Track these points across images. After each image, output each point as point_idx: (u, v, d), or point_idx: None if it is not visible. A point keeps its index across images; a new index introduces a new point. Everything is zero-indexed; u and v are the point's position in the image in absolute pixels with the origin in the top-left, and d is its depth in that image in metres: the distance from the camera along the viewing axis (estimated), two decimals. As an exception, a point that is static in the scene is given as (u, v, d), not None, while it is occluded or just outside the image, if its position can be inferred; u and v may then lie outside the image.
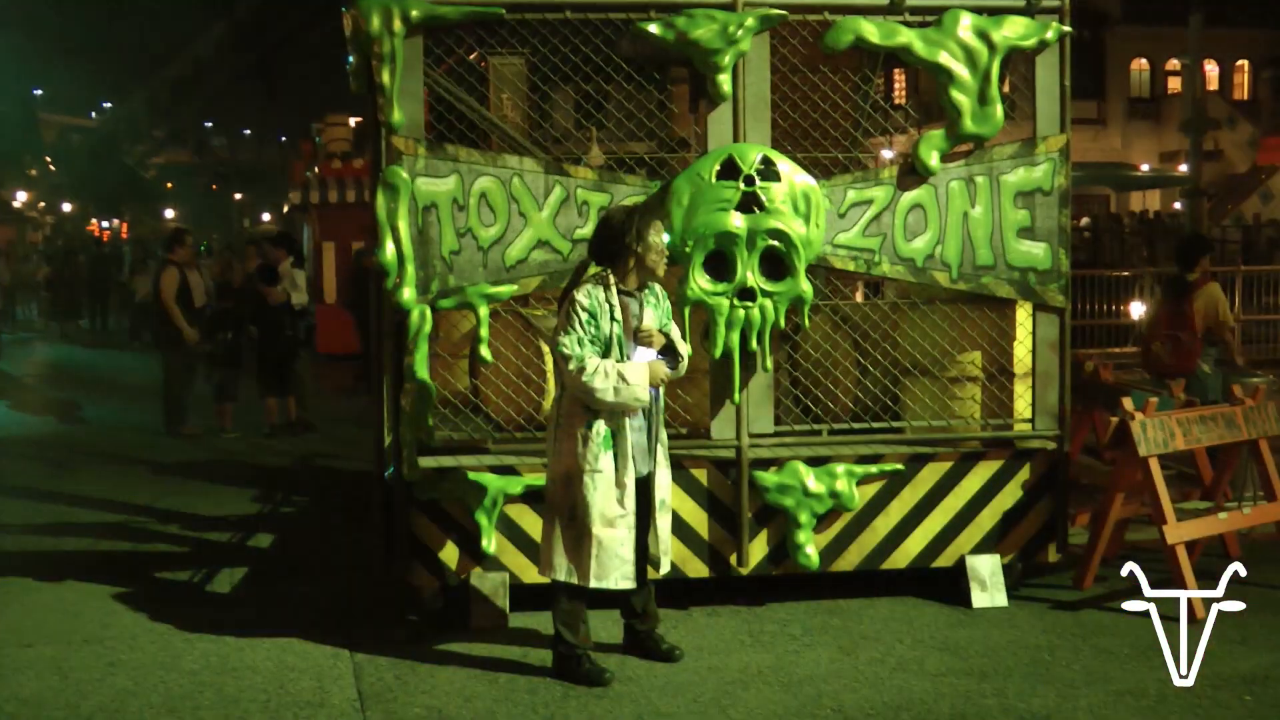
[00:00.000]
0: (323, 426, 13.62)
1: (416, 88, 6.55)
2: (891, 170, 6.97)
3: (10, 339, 26.21)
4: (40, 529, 9.11)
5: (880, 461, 6.95)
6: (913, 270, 6.94)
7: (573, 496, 5.69)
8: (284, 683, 5.91)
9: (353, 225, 19.63)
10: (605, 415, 5.67)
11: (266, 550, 8.54)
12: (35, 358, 22.92)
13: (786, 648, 6.34)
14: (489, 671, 5.98)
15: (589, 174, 6.75)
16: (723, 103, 6.79)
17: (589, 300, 5.62)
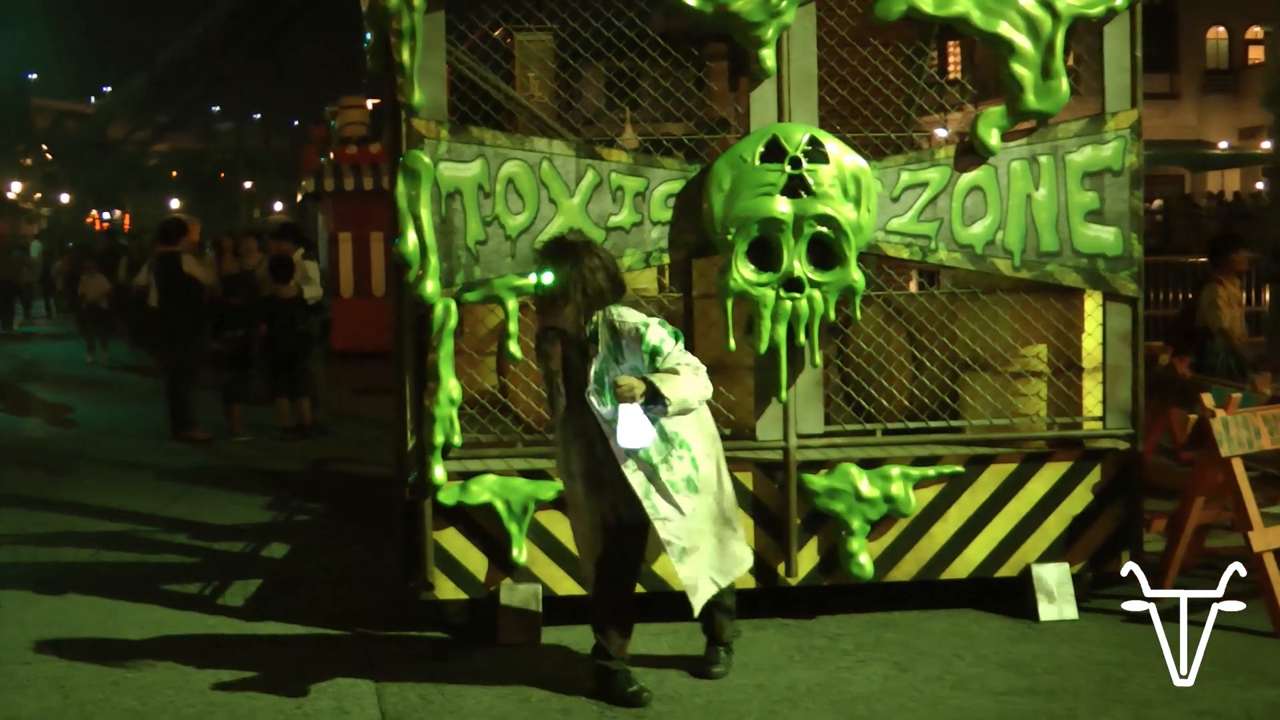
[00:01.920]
0: (339, 428, 13.70)
1: (438, 66, 6.58)
2: (948, 150, 6.95)
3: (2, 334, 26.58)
4: (38, 539, 9.21)
5: (938, 463, 6.93)
6: (971, 258, 6.92)
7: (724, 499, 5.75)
8: (301, 702, 5.94)
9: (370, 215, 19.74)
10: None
11: (281, 561, 8.60)
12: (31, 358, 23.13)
13: (838, 664, 6.34)
14: (520, 689, 6.00)
15: (623, 157, 6.76)
16: (766, 80, 6.78)
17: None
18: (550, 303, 5.58)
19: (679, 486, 5.59)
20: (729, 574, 5.83)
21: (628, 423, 5.39)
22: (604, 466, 5.69)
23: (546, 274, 5.55)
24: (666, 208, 6.74)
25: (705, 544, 5.71)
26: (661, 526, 5.60)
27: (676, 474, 5.59)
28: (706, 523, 5.71)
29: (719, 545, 5.78)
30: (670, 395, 5.34)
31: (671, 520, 5.61)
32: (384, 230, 19.34)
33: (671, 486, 5.58)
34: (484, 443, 6.89)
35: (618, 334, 5.50)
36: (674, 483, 5.59)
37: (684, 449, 5.59)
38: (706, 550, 5.72)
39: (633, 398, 5.34)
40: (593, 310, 5.55)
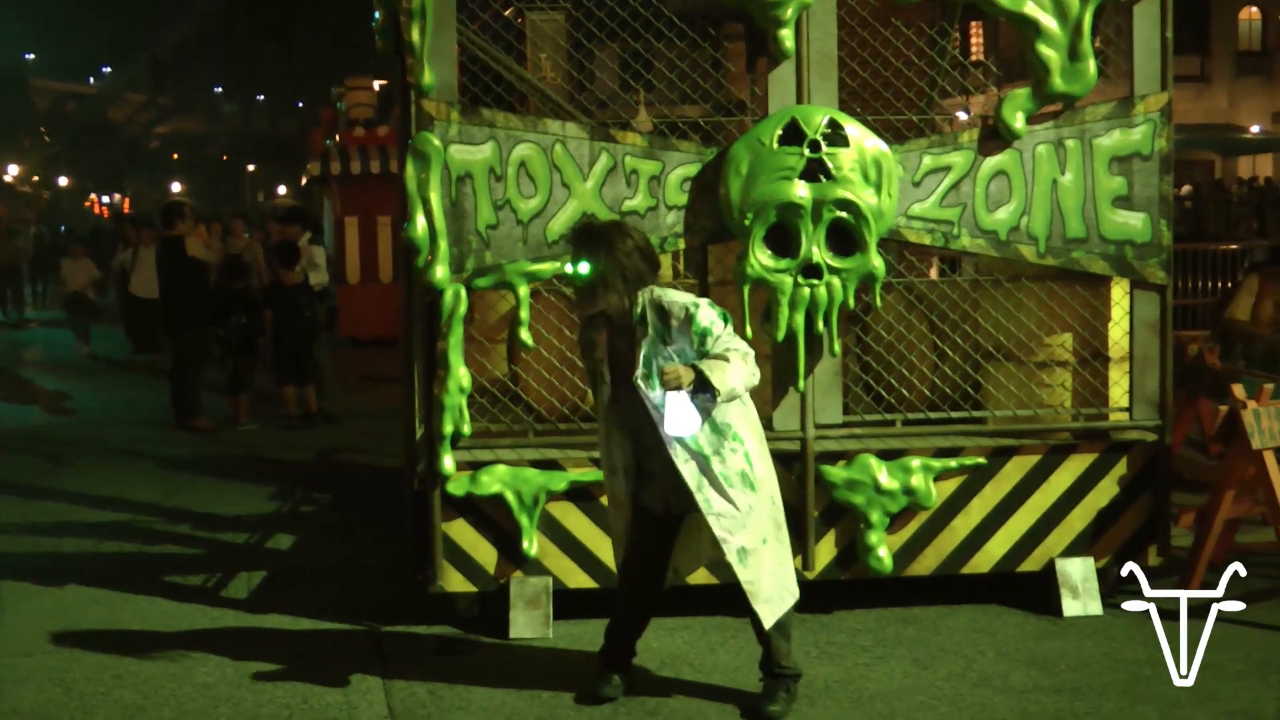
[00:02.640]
0: (345, 418, 13.73)
1: (449, 46, 6.58)
2: (972, 134, 6.94)
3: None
4: (38, 529, 9.24)
5: (960, 455, 6.94)
6: (995, 244, 6.92)
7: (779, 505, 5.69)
8: (307, 697, 5.97)
9: (377, 199, 19.75)
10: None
11: (286, 553, 8.63)
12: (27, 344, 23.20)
13: (856, 660, 6.35)
14: (531, 688, 6.01)
15: (638, 140, 6.76)
16: (785, 60, 6.78)
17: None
18: (589, 292, 5.49)
19: (733, 480, 5.46)
20: (795, 591, 5.66)
21: (674, 410, 5.27)
22: (651, 456, 5.59)
23: (582, 264, 5.47)
24: (682, 192, 6.74)
25: (766, 549, 5.54)
26: (715, 522, 5.45)
27: (730, 467, 5.47)
28: (767, 525, 5.56)
29: (780, 553, 5.61)
30: (719, 384, 5.22)
31: (726, 516, 5.46)
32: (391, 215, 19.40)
33: (725, 480, 5.45)
34: (494, 432, 6.91)
35: (666, 316, 5.40)
36: (727, 476, 5.45)
37: (737, 442, 5.47)
38: (772, 557, 5.56)
39: (679, 385, 5.23)
40: (634, 293, 5.48)
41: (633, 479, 5.73)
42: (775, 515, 5.61)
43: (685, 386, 5.24)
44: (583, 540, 6.72)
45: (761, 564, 5.53)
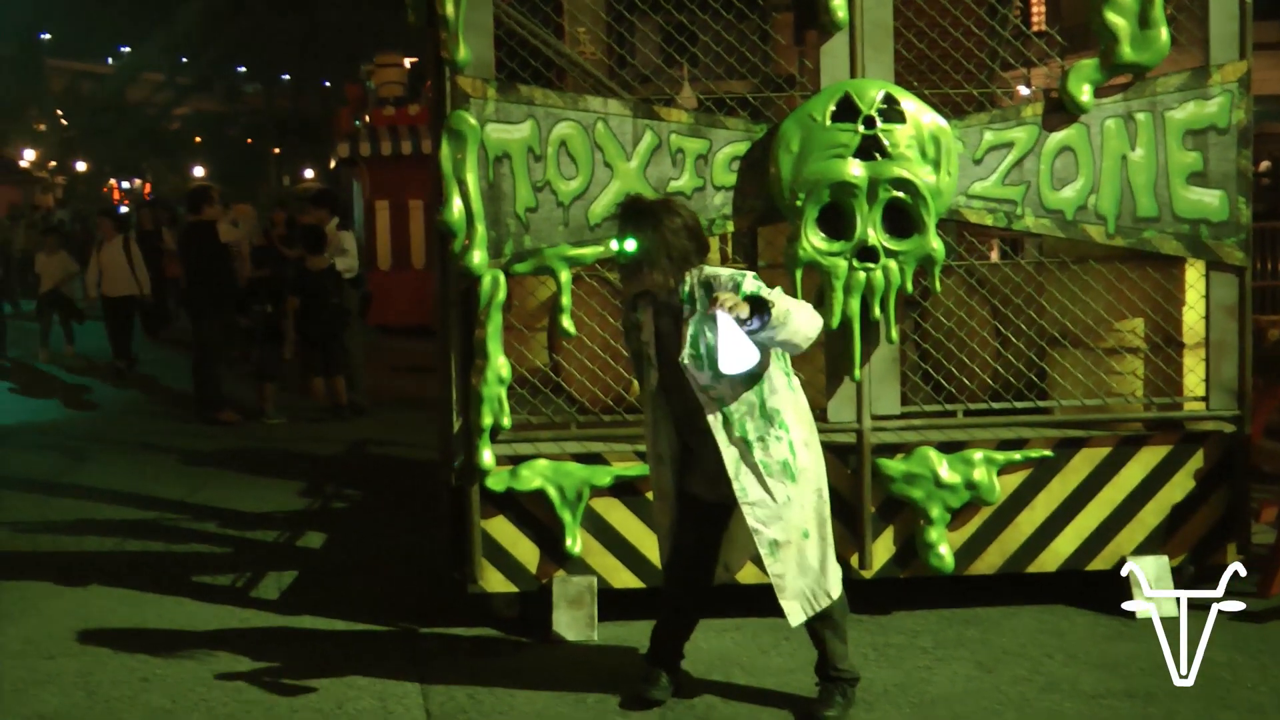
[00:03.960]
0: (376, 409, 13.79)
1: (485, 20, 6.58)
2: (1035, 108, 6.90)
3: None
4: (60, 527, 9.33)
5: (1024, 447, 6.90)
6: (1061, 224, 6.88)
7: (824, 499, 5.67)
8: (342, 701, 6.00)
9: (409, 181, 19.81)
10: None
11: (318, 551, 8.68)
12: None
13: (916, 663, 6.33)
14: (575, 690, 6.02)
15: (684, 117, 6.75)
16: (837, 32, 6.76)
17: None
18: (634, 270, 5.50)
19: (773, 469, 5.46)
20: (832, 590, 5.62)
21: (727, 341, 5.17)
22: (702, 440, 5.57)
23: (628, 240, 5.48)
24: (730, 171, 6.73)
25: (802, 544, 5.52)
26: (749, 511, 5.46)
27: (771, 455, 5.46)
28: (809, 519, 5.54)
29: (820, 552, 5.58)
30: (775, 307, 5.20)
31: (761, 505, 5.47)
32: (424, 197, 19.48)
33: (764, 468, 5.45)
34: (535, 425, 6.92)
35: (712, 288, 5.40)
36: (767, 464, 5.45)
37: (782, 430, 5.47)
38: (805, 552, 5.53)
39: (731, 309, 5.16)
40: (680, 272, 5.48)
41: (679, 469, 5.74)
42: (820, 510, 5.60)
43: (737, 308, 5.19)
44: (628, 537, 6.73)
45: (794, 559, 5.53)
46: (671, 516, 5.80)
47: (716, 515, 5.68)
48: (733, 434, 5.46)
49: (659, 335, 5.62)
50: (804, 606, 5.55)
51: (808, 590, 5.55)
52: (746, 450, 5.46)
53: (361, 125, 21.92)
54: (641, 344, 5.69)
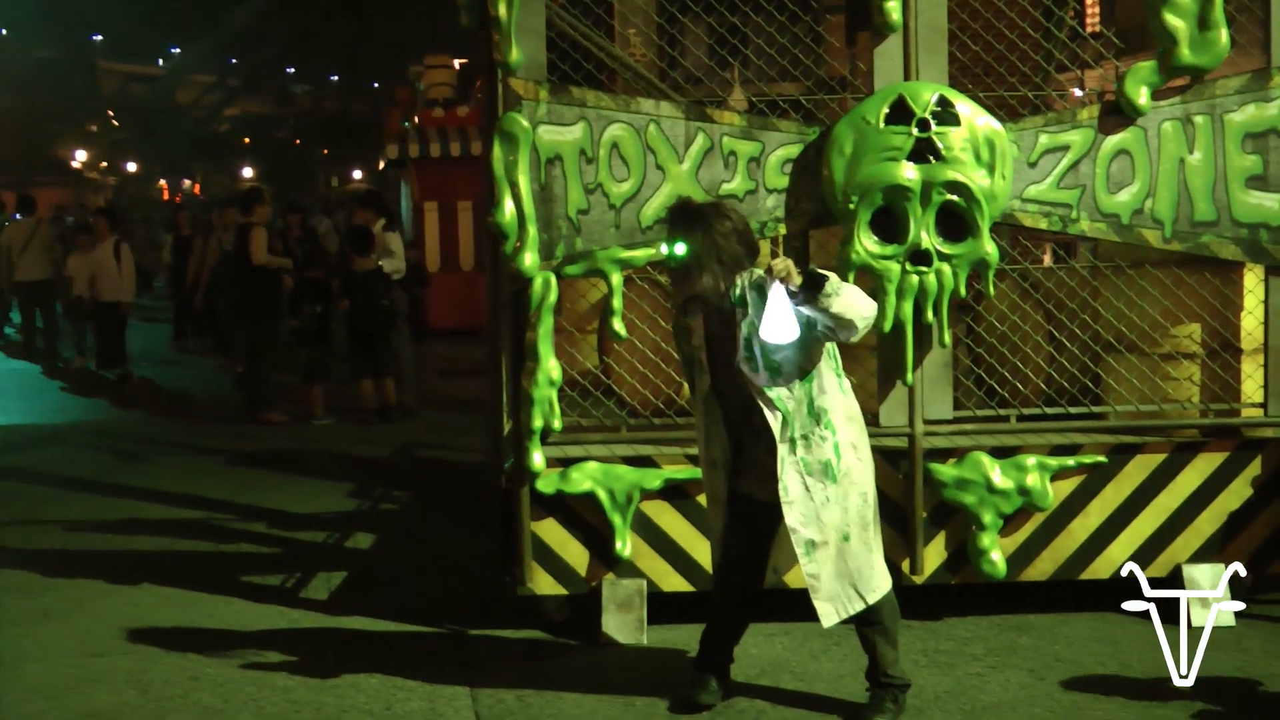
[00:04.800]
0: (425, 411, 13.83)
1: (537, 22, 6.60)
2: (1091, 110, 6.86)
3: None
4: (110, 527, 9.42)
5: (1078, 453, 6.86)
6: (1117, 228, 6.83)
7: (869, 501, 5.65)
8: (391, 702, 6.03)
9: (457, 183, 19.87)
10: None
11: (366, 552, 8.72)
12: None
13: (968, 670, 6.30)
14: (624, 694, 6.02)
15: (736, 120, 6.75)
16: (891, 34, 6.74)
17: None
18: (684, 274, 5.51)
19: (813, 469, 5.46)
20: (870, 595, 5.59)
21: (775, 310, 5.21)
22: (758, 439, 5.57)
23: (678, 244, 5.49)
24: (783, 174, 6.72)
25: (841, 546, 5.51)
26: (788, 510, 5.48)
27: (814, 455, 5.47)
28: (848, 522, 5.53)
29: (861, 556, 5.56)
30: (831, 279, 5.22)
31: (799, 504, 5.48)
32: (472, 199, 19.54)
33: (805, 467, 5.46)
34: (585, 427, 6.92)
35: (764, 292, 5.42)
36: (809, 463, 5.46)
37: (828, 430, 5.47)
38: (844, 555, 5.52)
39: (786, 276, 5.19)
40: (731, 276, 5.48)
41: (731, 472, 5.74)
42: (864, 513, 5.59)
43: (792, 277, 5.21)
44: (678, 541, 6.73)
45: (831, 560, 5.52)
46: (724, 521, 5.80)
47: (768, 516, 5.66)
48: (787, 433, 5.46)
49: (711, 339, 5.62)
50: (837, 609, 5.55)
51: (843, 593, 5.55)
52: (791, 448, 5.48)
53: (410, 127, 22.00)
54: (693, 348, 5.69)
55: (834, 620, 5.55)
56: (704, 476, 5.87)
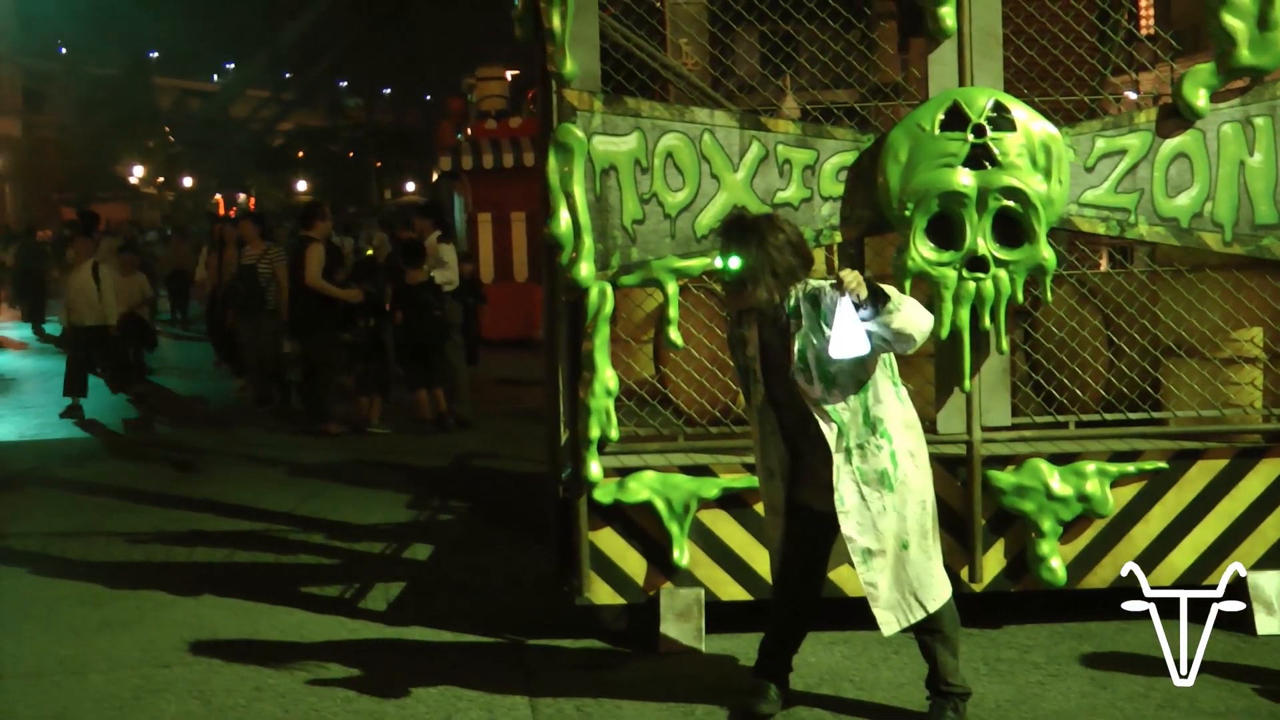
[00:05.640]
0: (480, 421, 13.87)
1: (591, 33, 6.62)
2: (1149, 114, 6.81)
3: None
4: (171, 538, 9.49)
5: (1138, 459, 6.80)
6: (1176, 232, 6.77)
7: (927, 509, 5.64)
8: (451, 712, 6.05)
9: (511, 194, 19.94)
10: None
11: (424, 563, 8.74)
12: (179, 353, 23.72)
13: (1029, 678, 6.27)
14: (683, 703, 6.03)
15: (791, 128, 6.74)
16: (945, 40, 6.71)
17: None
18: (739, 287, 5.52)
19: (869, 478, 5.47)
20: (930, 603, 5.57)
21: (843, 325, 5.22)
22: (815, 448, 5.58)
23: (732, 258, 5.50)
24: (838, 182, 6.70)
25: (900, 554, 5.51)
26: (844, 519, 5.49)
27: (870, 464, 5.48)
28: (907, 530, 5.53)
29: (920, 564, 5.55)
30: (892, 294, 5.24)
31: (855, 514, 5.49)
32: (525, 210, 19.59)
33: (861, 476, 5.47)
34: (642, 437, 6.93)
35: (818, 299, 5.43)
36: (865, 473, 5.47)
37: (884, 439, 5.48)
38: (902, 563, 5.52)
39: (854, 289, 5.20)
40: (786, 288, 5.50)
41: (788, 482, 5.73)
42: (923, 521, 5.58)
43: (859, 290, 5.22)
44: (736, 550, 6.72)
45: (889, 569, 5.52)
46: (783, 530, 5.79)
47: (825, 525, 5.65)
48: (842, 443, 5.45)
49: (766, 350, 5.62)
50: (898, 617, 5.55)
51: (903, 601, 5.54)
52: (847, 457, 5.48)
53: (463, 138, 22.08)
54: (747, 359, 5.69)
55: (894, 629, 5.54)
56: (761, 486, 5.88)
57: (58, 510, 10.56)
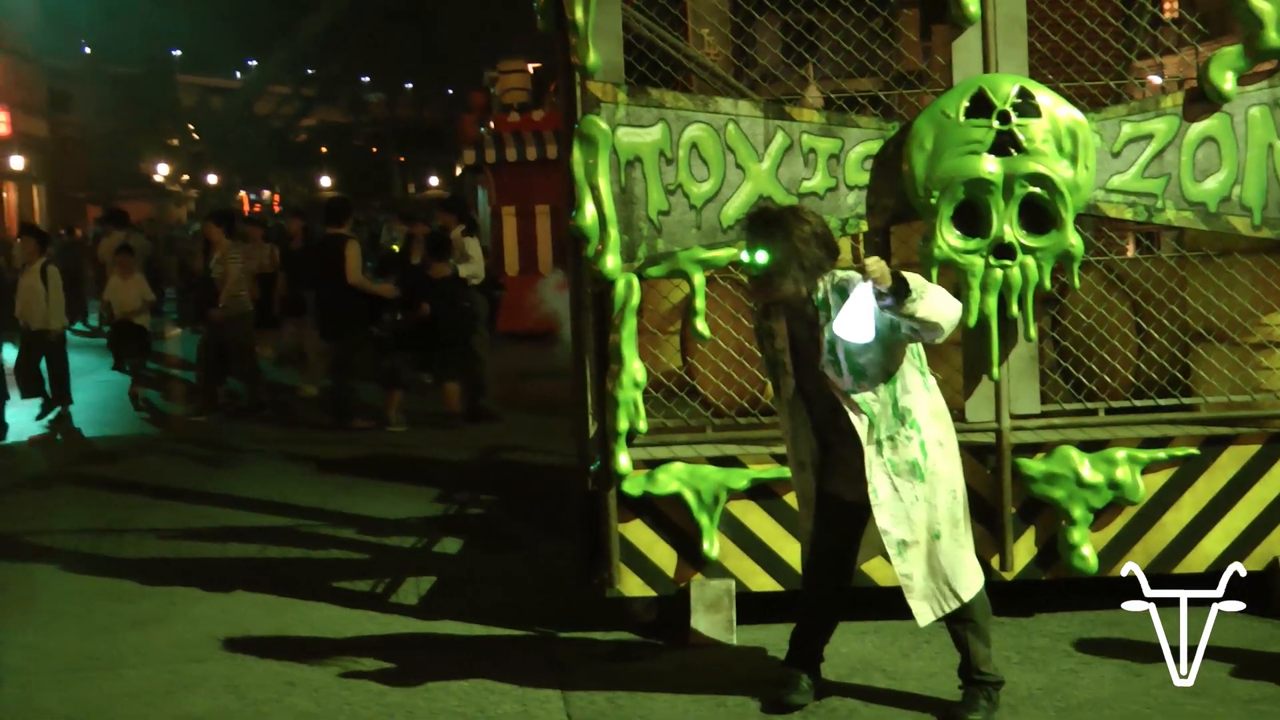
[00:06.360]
0: (506, 415, 13.88)
1: (614, 24, 6.59)
2: (1175, 98, 6.76)
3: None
4: (200, 534, 9.52)
5: (1169, 445, 6.76)
6: (1204, 216, 6.73)
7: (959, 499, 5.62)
8: (484, 705, 6.05)
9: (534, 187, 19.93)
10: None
11: (455, 556, 8.75)
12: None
13: (1061, 666, 6.24)
14: (714, 694, 6.01)
15: (815, 117, 6.71)
16: (969, 27, 6.68)
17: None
18: (766, 280, 5.51)
19: (900, 469, 5.46)
20: (964, 592, 5.55)
21: (855, 308, 5.23)
22: (845, 439, 5.56)
23: (758, 251, 5.48)
24: (863, 170, 6.67)
25: (933, 544, 5.50)
26: (878, 512, 5.48)
27: (900, 455, 5.47)
28: (941, 520, 5.51)
29: (953, 553, 5.53)
30: (915, 283, 5.22)
31: (888, 505, 5.48)
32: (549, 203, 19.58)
33: (893, 467, 5.46)
34: (670, 428, 6.91)
35: (847, 294, 5.39)
36: (895, 464, 5.46)
37: (913, 430, 5.47)
38: (935, 553, 5.50)
39: (878, 277, 5.19)
40: (813, 280, 5.48)
41: (818, 472, 5.71)
42: (954, 510, 5.56)
43: (883, 278, 5.20)
44: (765, 540, 6.70)
45: (923, 559, 5.51)
46: (813, 520, 5.77)
47: (855, 515, 5.64)
48: (873, 435, 5.44)
49: (794, 342, 5.61)
50: (933, 607, 5.54)
51: (937, 591, 5.53)
52: (878, 449, 5.46)
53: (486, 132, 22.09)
54: (776, 352, 5.68)
55: (930, 619, 5.52)
56: (793, 477, 5.87)
57: (88, 507, 10.61)
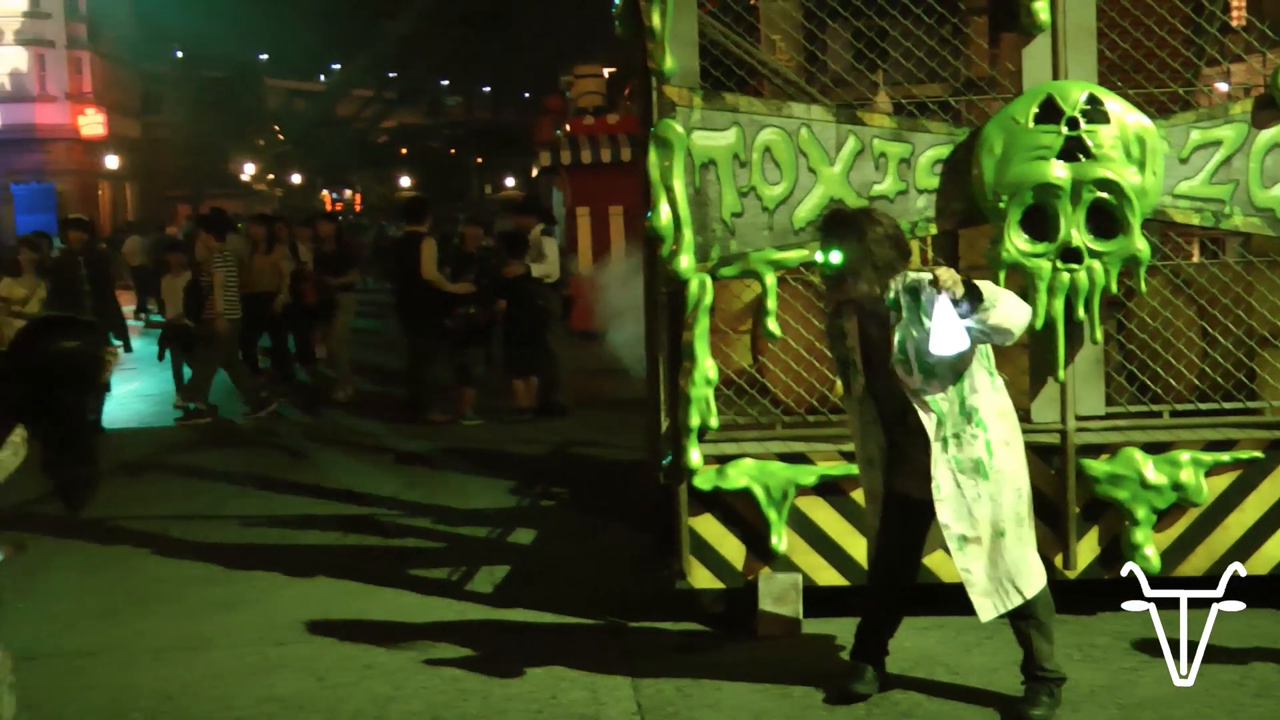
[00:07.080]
0: (578, 410, 13.93)
1: (690, 30, 6.61)
2: (1244, 105, 6.69)
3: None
4: (282, 521, 9.64)
5: (1233, 448, 6.70)
6: (1271, 222, 6.66)
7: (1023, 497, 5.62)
8: (555, 692, 6.09)
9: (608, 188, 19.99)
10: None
11: (528, 547, 8.81)
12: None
13: (1122, 664, 6.20)
14: (780, 685, 6.03)
15: (886, 122, 6.70)
16: (1039, 34, 6.64)
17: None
18: (839, 280, 5.53)
19: (965, 467, 5.46)
20: (1027, 589, 5.54)
21: (941, 322, 5.22)
22: (913, 437, 5.57)
23: (832, 252, 5.50)
24: (933, 175, 6.66)
25: (996, 541, 5.48)
26: (940, 507, 5.48)
27: (965, 453, 5.47)
28: (1002, 517, 5.50)
29: (1016, 551, 5.51)
30: (986, 291, 5.24)
31: (950, 502, 5.47)
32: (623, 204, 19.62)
33: (957, 464, 5.46)
34: (740, 425, 6.93)
35: (917, 291, 5.42)
36: (960, 461, 5.46)
37: (979, 428, 5.46)
38: (998, 550, 5.49)
39: (951, 286, 5.19)
40: (885, 280, 5.49)
41: (886, 469, 5.71)
42: (1018, 509, 5.55)
43: (956, 288, 5.21)
44: (832, 536, 6.70)
45: (984, 556, 5.49)
46: (880, 517, 5.78)
47: (922, 513, 5.64)
48: (940, 433, 5.44)
49: (866, 341, 5.61)
50: (995, 603, 5.52)
51: (1000, 588, 5.51)
52: (944, 446, 5.46)
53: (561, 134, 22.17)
54: (847, 350, 5.69)
55: (992, 615, 5.51)
56: (861, 474, 5.87)
57: (177, 495, 10.76)
